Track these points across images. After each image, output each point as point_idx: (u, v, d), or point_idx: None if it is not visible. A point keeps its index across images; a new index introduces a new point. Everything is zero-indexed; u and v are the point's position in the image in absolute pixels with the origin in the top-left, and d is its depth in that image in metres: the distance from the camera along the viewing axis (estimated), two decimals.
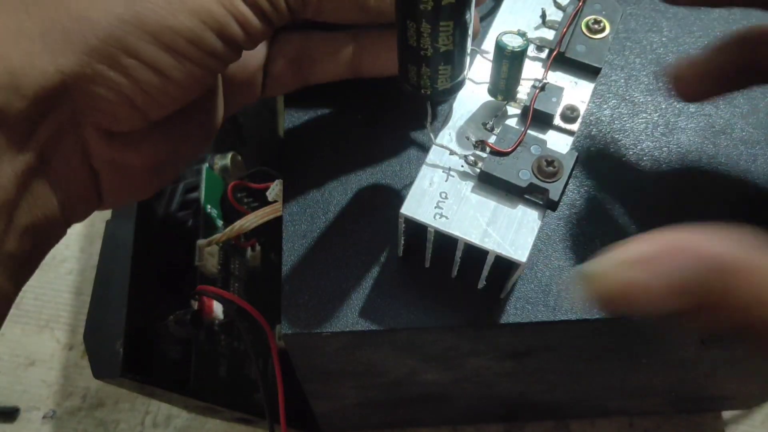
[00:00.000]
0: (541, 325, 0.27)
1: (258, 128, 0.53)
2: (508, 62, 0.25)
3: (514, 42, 0.24)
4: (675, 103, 0.31)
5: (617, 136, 0.31)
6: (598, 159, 0.30)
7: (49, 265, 0.52)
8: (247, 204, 0.40)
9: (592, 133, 0.31)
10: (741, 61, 0.26)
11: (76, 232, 0.54)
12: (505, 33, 0.25)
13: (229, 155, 0.43)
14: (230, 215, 0.40)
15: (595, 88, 0.27)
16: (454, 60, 0.24)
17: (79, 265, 0.52)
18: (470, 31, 0.24)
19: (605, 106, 0.31)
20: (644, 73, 0.32)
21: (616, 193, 0.29)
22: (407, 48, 0.23)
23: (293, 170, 0.30)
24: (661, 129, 0.31)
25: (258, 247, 0.42)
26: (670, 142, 0.30)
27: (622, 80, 0.32)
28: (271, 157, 0.52)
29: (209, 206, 0.39)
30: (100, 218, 0.32)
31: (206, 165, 0.40)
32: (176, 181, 0.40)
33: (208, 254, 0.37)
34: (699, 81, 0.27)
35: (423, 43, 0.23)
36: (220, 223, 0.40)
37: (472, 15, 0.23)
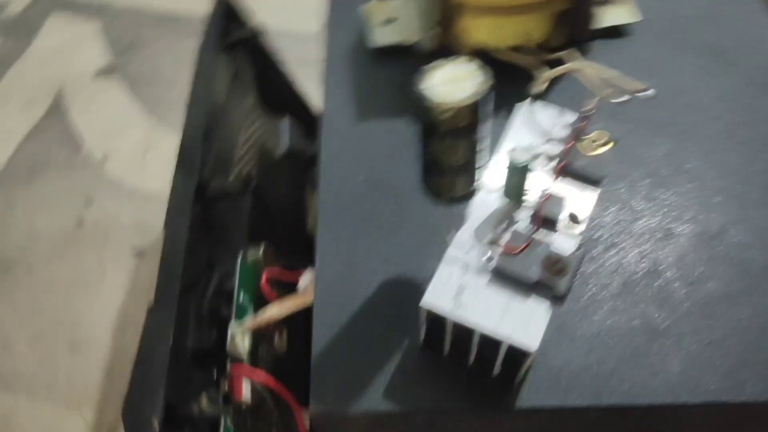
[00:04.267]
0: (553, 410, 0.29)
1: (289, 223, 0.57)
2: (517, 173, 0.28)
3: (521, 157, 0.28)
4: (671, 212, 0.34)
5: (619, 240, 0.34)
6: (603, 258, 0.33)
7: (82, 348, 0.55)
8: (277, 292, 0.43)
9: (597, 235, 0.34)
10: None
11: (108, 317, 0.57)
12: (516, 148, 0.28)
13: (262, 247, 0.47)
14: (261, 304, 0.42)
15: (599, 195, 0.30)
16: (470, 170, 0.27)
17: (111, 349, 0.55)
18: (485, 145, 0.27)
19: (608, 212, 0.35)
20: (642, 183, 0.36)
21: (619, 289, 0.32)
22: (429, 160, 0.27)
23: (324, 262, 0.33)
24: (659, 234, 0.34)
25: (285, 333, 0.44)
26: (668, 245, 0.33)
27: (623, 189, 0.35)
28: (301, 250, 0.55)
29: (242, 293, 0.42)
30: (134, 304, 0.35)
31: (241, 255, 0.43)
32: (211, 270, 0.43)
33: (239, 338, 0.39)
34: None
35: (443, 157, 0.26)
36: (251, 309, 0.43)
37: (487, 132, 0.27)
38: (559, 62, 0.39)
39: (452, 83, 0.25)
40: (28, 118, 0.70)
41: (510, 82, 0.35)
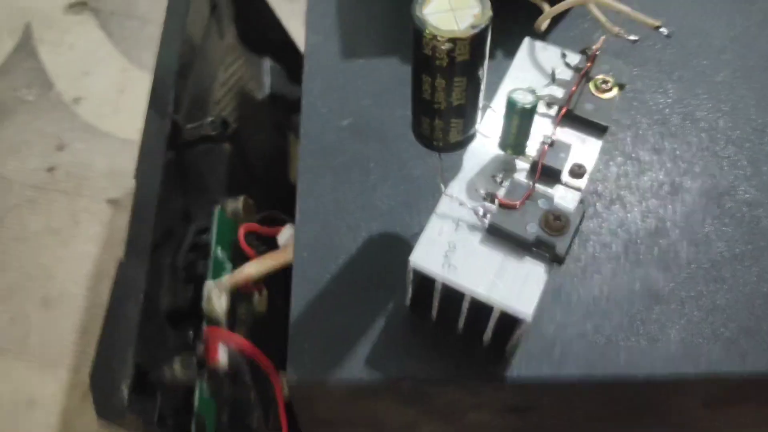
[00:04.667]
0: (545, 380, 0.27)
1: (269, 171, 0.54)
2: (519, 118, 0.25)
3: (524, 99, 0.25)
4: (680, 163, 0.32)
5: (623, 193, 0.31)
6: (605, 215, 0.31)
7: (55, 303, 0.53)
8: (256, 248, 0.40)
9: (599, 189, 0.31)
10: None
11: (82, 271, 0.54)
12: (516, 90, 0.25)
13: (241, 198, 0.44)
14: (240, 259, 0.40)
15: (602, 145, 0.28)
16: (466, 114, 0.25)
17: (86, 304, 0.53)
18: (482, 87, 0.24)
19: (612, 164, 0.32)
20: (650, 132, 0.33)
21: (621, 249, 0.30)
22: (421, 101, 0.24)
23: (305, 217, 0.31)
24: (667, 188, 0.31)
25: (265, 292, 0.42)
26: (675, 200, 0.31)
27: (629, 139, 0.33)
28: (282, 200, 0.53)
29: (219, 249, 0.39)
30: (109, 257, 0.32)
31: (218, 208, 0.40)
32: (187, 222, 0.41)
33: (215, 297, 0.37)
34: None
35: (437, 97, 0.24)
36: (229, 266, 0.40)
37: (485, 71, 0.24)
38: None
39: (451, 12, 0.22)
40: None
41: (511, 16, 0.32)
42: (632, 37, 0.31)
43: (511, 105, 0.25)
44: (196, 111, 0.44)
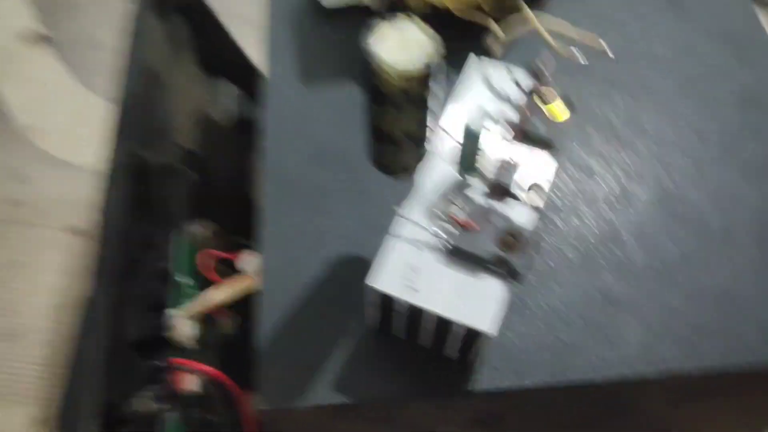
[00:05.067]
0: (509, 391, 0.28)
1: (234, 193, 0.54)
2: (472, 142, 0.26)
3: (478, 123, 0.26)
4: (631, 172, 0.33)
5: (577, 204, 0.32)
6: (560, 225, 0.32)
7: (20, 336, 0.52)
8: (224, 273, 0.40)
9: (554, 201, 0.32)
10: None
11: (46, 302, 0.54)
12: (470, 114, 0.26)
13: (207, 224, 0.44)
14: (207, 284, 0.40)
15: (557, 164, 0.29)
16: (418, 138, 0.25)
17: (53, 336, 0.52)
18: (434, 112, 0.25)
19: (565, 176, 0.33)
20: (600, 143, 0.34)
21: (577, 257, 0.31)
22: (375, 130, 0.25)
23: (269, 244, 0.31)
24: (618, 197, 0.32)
25: (231, 314, 0.42)
26: (627, 207, 0.32)
27: (581, 151, 0.34)
28: (249, 221, 0.53)
29: (179, 275, 0.39)
30: (74, 288, 0.32)
31: (177, 234, 0.40)
32: (151, 250, 0.41)
33: (180, 325, 0.37)
34: None
35: (388, 123, 0.24)
36: (195, 291, 0.40)
37: (434, 99, 0.25)
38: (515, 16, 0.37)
39: (403, 48, 0.23)
40: None
41: (461, 38, 0.33)
42: (582, 61, 0.32)
43: (465, 131, 0.26)
44: (160, 140, 0.44)
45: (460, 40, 0.33)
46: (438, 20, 0.35)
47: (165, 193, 0.43)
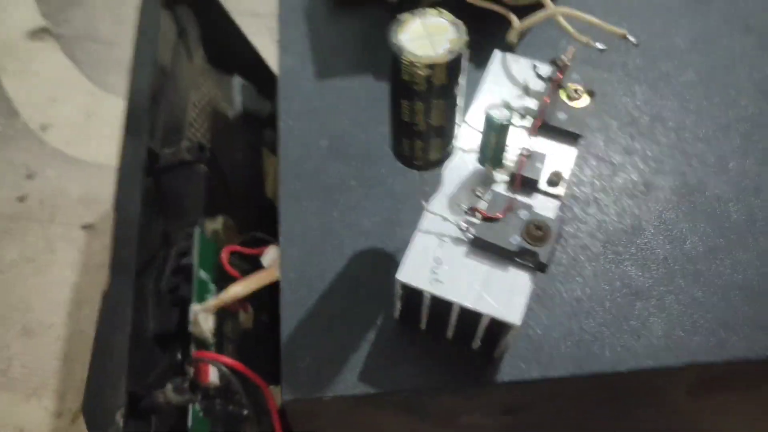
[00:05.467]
0: (535, 382, 0.28)
1: (246, 188, 0.54)
2: (496, 133, 0.26)
3: (501, 115, 0.26)
4: (652, 163, 0.33)
5: (599, 196, 0.32)
6: (582, 218, 0.32)
7: (35, 332, 0.52)
8: (239, 267, 0.40)
9: (576, 193, 0.32)
10: None
11: (61, 298, 0.54)
12: (492, 106, 0.26)
13: (220, 219, 0.44)
14: (224, 278, 0.40)
15: (577, 152, 0.29)
16: (445, 133, 0.25)
17: (67, 331, 0.52)
18: (460, 104, 0.25)
19: (586, 167, 0.33)
20: (621, 134, 0.34)
21: (600, 249, 0.31)
22: (400, 123, 0.25)
23: (289, 239, 0.31)
24: (639, 188, 0.32)
25: (250, 309, 0.42)
26: (648, 199, 0.32)
27: (601, 142, 0.34)
28: (260, 216, 0.53)
29: (202, 271, 0.40)
30: (87, 283, 0.32)
31: (198, 230, 0.40)
32: (168, 246, 0.41)
33: (202, 319, 0.37)
34: None
35: (416, 120, 0.24)
36: (212, 287, 0.40)
37: (462, 90, 0.24)
38: (532, 8, 0.36)
39: (427, 38, 0.23)
40: None
41: (482, 29, 0.33)
42: (600, 46, 0.32)
43: (488, 121, 0.26)
44: (172, 135, 0.44)
45: (477, 32, 0.33)
46: (453, 11, 0.35)
47: (179, 188, 0.43)
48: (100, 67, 0.67)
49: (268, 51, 0.73)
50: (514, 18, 0.36)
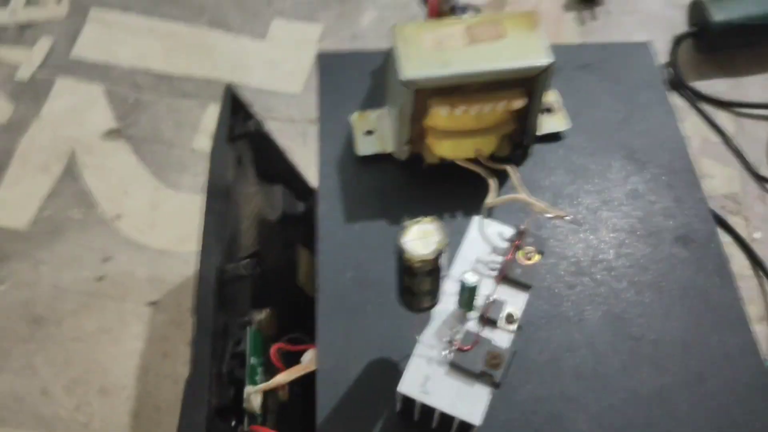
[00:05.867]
0: None
1: (282, 280, 0.66)
2: (467, 292, 0.38)
3: (471, 279, 0.38)
4: (585, 298, 0.45)
5: (543, 324, 0.44)
6: (533, 339, 0.44)
7: (111, 392, 0.64)
8: (283, 360, 0.53)
9: (527, 329, 0.44)
10: None
11: (131, 364, 0.66)
12: (466, 272, 0.39)
13: (265, 311, 0.57)
14: (269, 363, 0.52)
15: (528, 298, 0.41)
16: (432, 293, 0.38)
17: (137, 392, 0.65)
18: (444, 275, 0.37)
19: (533, 308, 0.45)
20: (565, 274, 0.46)
21: (544, 365, 0.43)
22: (403, 286, 0.37)
23: (324, 347, 0.43)
24: (575, 318, 0.44)
25: (287, 386, 0.55)
26: (581, 327, 0.44)
27: (550, 281, 0.46)
28: (294, 304, 0.65)
29: (253, 357, 0.52)
30: (153, 352, 0.43)
31: (250, 327, 0.53)
32: (226, 336, 0.53)
33: (253, 398, 0.49)
34: None
35: (413, 286, 0.37)
36: (260, 369, 0.53)
37: (444, 264, 0.37)
38: (505, 172, 0.49)
39: (421, 239, 0.35)
40: (45, 180, 0.79)
41: (468, 184, 0.46)
42: (564, 214, 0.45)
43: (462, 284, 0.38)
44: (231, 245, 0.57)
45: (469, 186, 0.46)
46: (446, 169, 0.48)
47: (236, 289, 0.56)
48: (163, 165, 0.80)
49: (301, 153, 0.87)
50: (491, 182, 0.48)
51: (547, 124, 0.54)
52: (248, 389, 0.50)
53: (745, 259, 0.71)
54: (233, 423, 0.49)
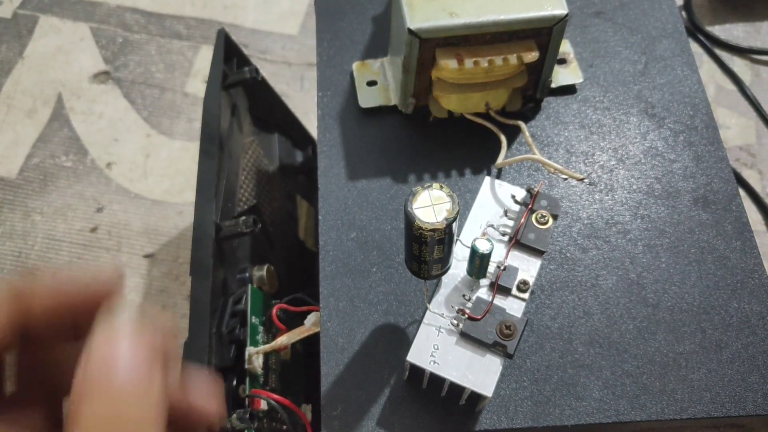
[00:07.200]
0: (503, 430, 0.39)
1: (282, 234, 0.65)
2: (480, 258, 0.37)
3: (483, 246, 0.36)
4: (600, 262, 0.43)
5: (558, 290, 0.43)
6: (545, 306, 0.42)
7: None
8: (285, 321, 0.51)
9: (541, 286, 0.43)
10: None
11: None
12: (478, 238, 0.37)
13: (265, 267, 0.55)
14: (270, 323, 0.51)
15: (541, 264, 0.39)
16: (443, 260, 0.36)
17: None
18: (454, 241, 0.35)
19: (545, 272, 0.43)
20: (579, 237, 0.44)
21: (557, 331, 0.41)
22: (412, 254, 0.35)
23: (327, 309, 0.42)
24: (589, 283, 0.43)
25: (288, 345, 0.53)
26: (595, 292, 0.42)
27: (563, 243, 0.44)
28: (295, 259, 0.64)
29: (253, 317, 0.50)
30: (149, 305, 0.42)
31: (250, 285, 0.51)
32: (226, 294, 0.52)
33: (255, 359, 0.48)
34: None
35: (423, 254, 0.35)
36: (261, 329, 0.51)
37: (456, 233, 0.35)
38: (515, 127, 0.47)
39: (431, 207, 0.33)
40: (33, 126, 0.76)
41: (477, 139, 0.43)
42: (580, 176, 0.43)
43: (474, 250, 0.36)
44: (228, 201, 0.55)
45: (478, 143, 0.43)
46: (453, 124, 0.46)
47: (235, 246, 0.54)
48: (154, 110, 0.77)
49: (298, 98, 0.83)
50: (502, 139, 0.46)
51: (560, 77, 0.51)
52: (250, 350, 0.48)
53: (759, 214, 0.70)
54: (234, 382, 0.48)
